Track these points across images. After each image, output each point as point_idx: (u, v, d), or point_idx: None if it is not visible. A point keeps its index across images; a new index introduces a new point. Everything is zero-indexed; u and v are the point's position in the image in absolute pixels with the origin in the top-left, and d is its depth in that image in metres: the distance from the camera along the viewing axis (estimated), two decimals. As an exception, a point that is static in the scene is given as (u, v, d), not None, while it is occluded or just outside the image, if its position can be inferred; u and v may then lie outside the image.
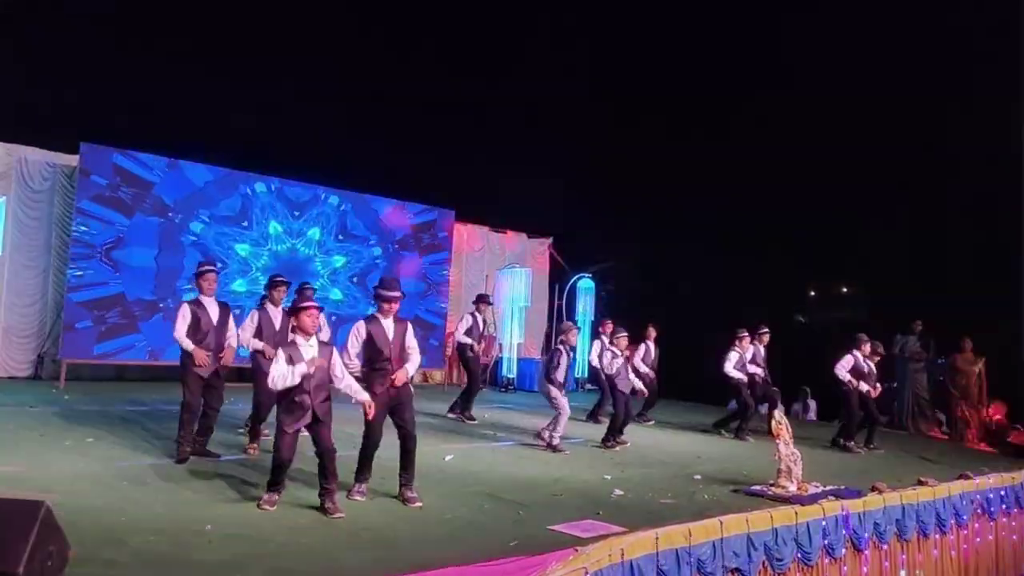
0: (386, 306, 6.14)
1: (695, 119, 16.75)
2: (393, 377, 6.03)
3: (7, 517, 3.50)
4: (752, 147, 16.20)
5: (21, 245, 11.94)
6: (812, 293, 19.84)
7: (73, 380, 11.43)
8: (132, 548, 4.45)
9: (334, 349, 5.91)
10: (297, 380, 5.56)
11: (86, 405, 9.63)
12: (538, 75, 16.83)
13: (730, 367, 10.94)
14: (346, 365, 5.99)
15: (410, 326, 6.30)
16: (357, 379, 6.02)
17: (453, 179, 15.88)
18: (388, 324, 6.15)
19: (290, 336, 5.86)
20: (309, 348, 5.69)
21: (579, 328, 10.06)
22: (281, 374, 5.52)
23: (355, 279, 14.73)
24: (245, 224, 13.24)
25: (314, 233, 14.22)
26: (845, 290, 19.59)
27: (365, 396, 5.85)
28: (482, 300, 11.53)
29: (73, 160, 11.99)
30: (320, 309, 6.00)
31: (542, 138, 16.83)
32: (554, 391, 8.92)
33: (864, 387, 10.41)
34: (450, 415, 10.72)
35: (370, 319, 6.19)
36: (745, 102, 16.30)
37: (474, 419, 10.67)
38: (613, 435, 9.42)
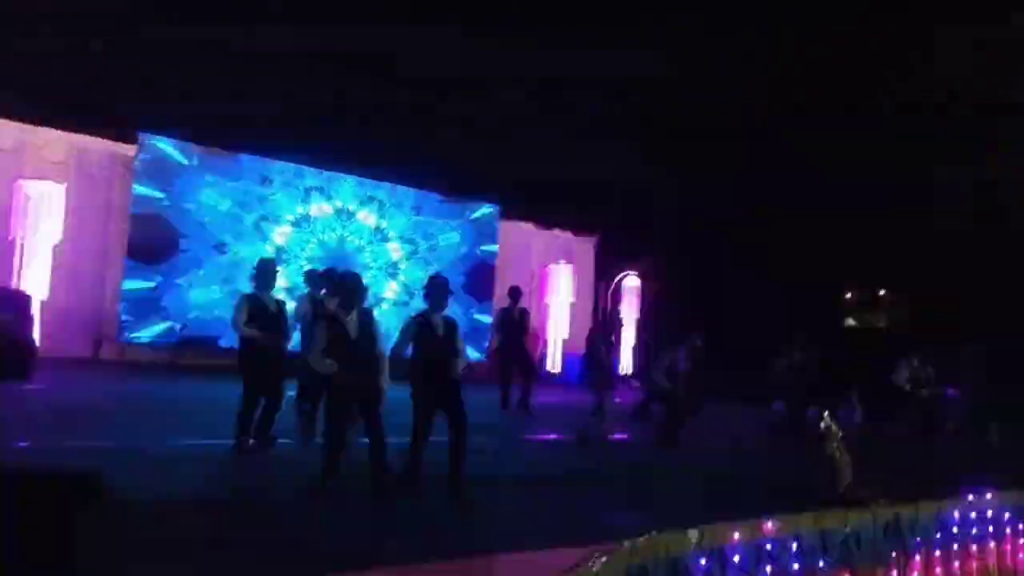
0: (435, 302, 6.20)
1: (737, 120, 16.49)
2: (443, 372, 6.06)
3: (61, 488, 3.60)
4: (795, 147, 15.92)
5: (80, 231, 12.28)
6: (848, 295, 19.40)
7: (130, 361, 11.73)
8: (179, 525, 4.54)
9: (372, 313, 6.11)
10: (334, 369, 5.68)
11: (142, 387, 9.86)
12: (588, 77, 16.74)
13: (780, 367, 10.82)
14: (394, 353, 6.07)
15: (459, 327, 6.36)
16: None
17: (501, 176, 15.89)
18: (438, 322, 6.19)
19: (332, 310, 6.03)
20: (351, 322, 5.82)
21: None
22: (315, 361, 5.74)
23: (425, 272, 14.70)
24: (295, 218, 13.40)
25: (366, 219, 14.24)
26: (883, 293, 19.13)
27: (386, 383, 5.94)
28: (514, 293, 11.34)
29: (131, 149, 12.28)
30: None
31: (591, 137, 16.75)
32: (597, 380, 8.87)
33: (924, 392, 10.32)
34: (504, 411, 10.73)
35: (420, 317, 6.24)
36: (789, 107, 16.01)
37: (532, 412, 10.70)
38: (669, 436, 9.32)
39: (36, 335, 10.20)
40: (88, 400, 8.71)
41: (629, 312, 17.41)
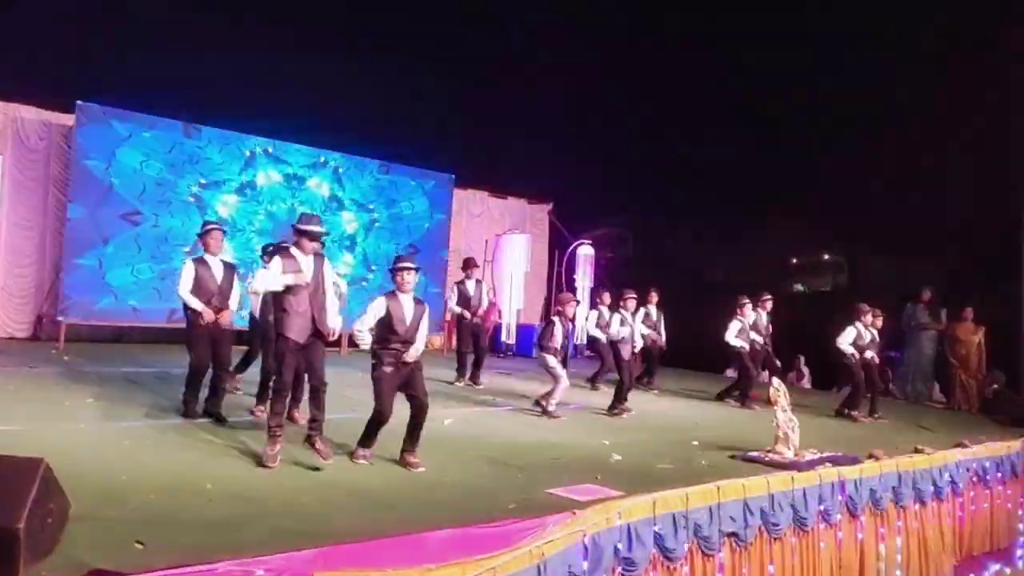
0: (403, 280, 6.14)
1: (694, 84, 16.54)
2: (405, 355, 6.05)
3: (7, 474, 3.51)
4: (745, 114, 16.06)
5: (18, 205, 11.89)
6: (795, 260, 19.77)
7: (72, 341, 11.44)
8: (132, 506, 4.46)
9: (326, 259, 6.10)
10: (279, 286, 5.70)
11: (85, 366, 9.64)
12: (537, 36, 16.63)
13: (731, 336, 10.97)
14: (355, 332, 6.09)
15: (427, 310, 6.35)
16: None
17: (453, 144, 15.73)
18: (407, 302, 6.15)
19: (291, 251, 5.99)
20: (305, 261, 5.84)
21: (578, 300, 9.96)
22: (263, 277, 5.77)
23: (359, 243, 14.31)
24: (238, 184, 12.99)
25: (318, 188, 13.85)
26: (827, 257, 19.55)
27: (336, 323, 5.99)
28: (469, 263, 11.39)
29: (69, 119, 11.87)
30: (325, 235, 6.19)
31: (542, 102, 16.66)
32: (550, 360, 8.95)
33: (868, 354, 10.45)
34: (459, 383, 10.77)
35: (390, 296, 6.18)
36: (740, 73, 16.09)
37: (480, 384, 10.75)
38: (618, 402, 9.42)
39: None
40: (27, 381, 8.48)
41: (583, 281, 17.48)
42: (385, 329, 6.06)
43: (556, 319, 9.17)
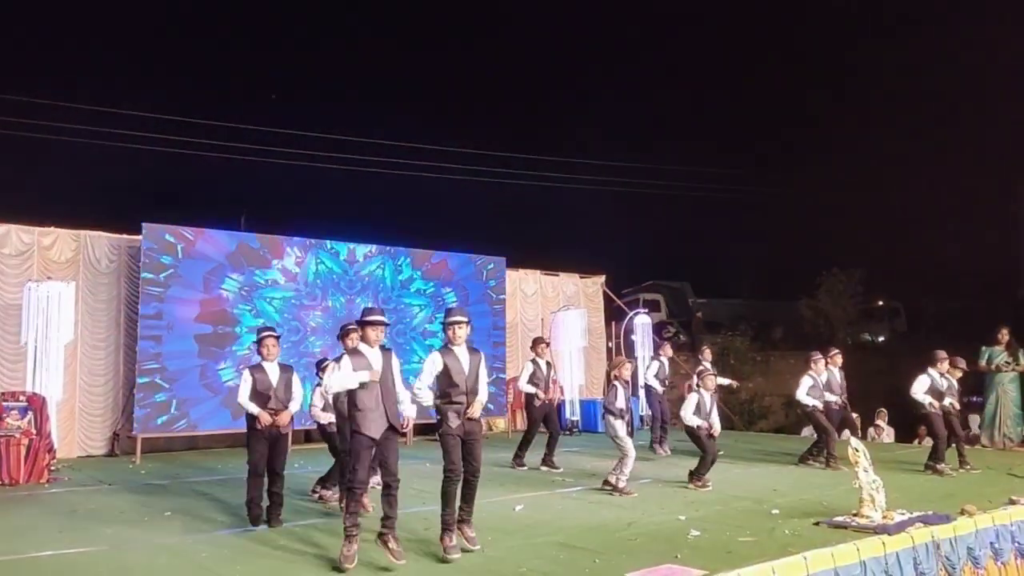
0: (454, 333, 6.18)
1: (736, 147, 16.66)
2: (469, 410, 6.08)
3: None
4: (792, 173, 16.05)
5: (91, 326, 12.36)
6: (846, 309, 19.36)
7: (148, 453, 11.69)
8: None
9: (393, 354, 6.08)
10: (354, 384, 5.74)
11: (162, 479, 9.83)
12: (580, 120, 17.02)
13: (802, 393, 10.61)
14: (415, 393, 6.11)
15: (484, 357, 6.38)
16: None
17: (503, 227, 16.03)
18: (462, 353, 6.19)
19: (355, 344, 6.14)
20: (373, 355, 5.87)
21: (631, 361, 9.76)
22: (337, 377, 5.82)
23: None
24: (297, 285, 13.25)
25: (372, 284, 14.00)
26: (880, 304, 19.11)
27: (410, 411, 6.01)
28: (538, 343, 11.25)
29: (136, 240, 12.39)
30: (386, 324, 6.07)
31: (587, 187, 16.93)
32: (619, 427, 8.80)
33: (947, 401, 10.07)
34: (518, 467, 10.58)
35: (443, 350, 6.22)
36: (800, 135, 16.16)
37: (558, 467, 10.47)
38: (700, 474, 9.13)
39: (54, 436, 10.20)
40: (106, 498, 8.67)
41: (643, 350, 17.30)
42: (445, 383, 6.10)
43: (616, 383, 9.11)
